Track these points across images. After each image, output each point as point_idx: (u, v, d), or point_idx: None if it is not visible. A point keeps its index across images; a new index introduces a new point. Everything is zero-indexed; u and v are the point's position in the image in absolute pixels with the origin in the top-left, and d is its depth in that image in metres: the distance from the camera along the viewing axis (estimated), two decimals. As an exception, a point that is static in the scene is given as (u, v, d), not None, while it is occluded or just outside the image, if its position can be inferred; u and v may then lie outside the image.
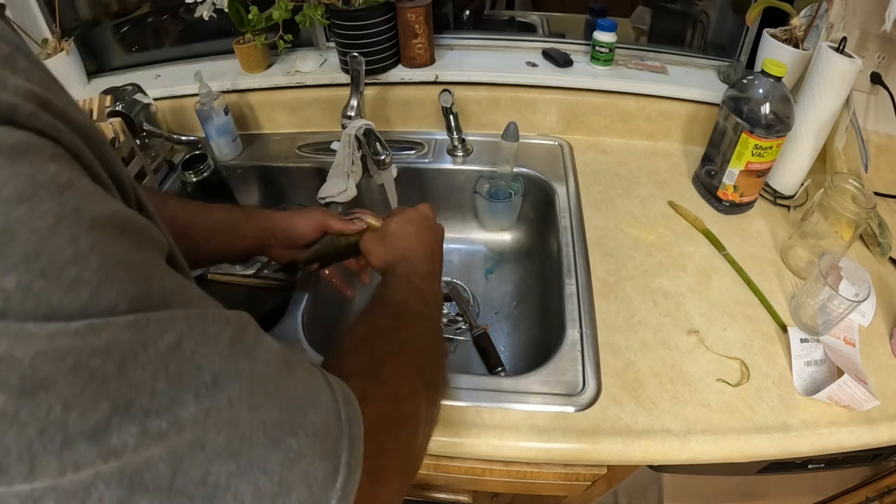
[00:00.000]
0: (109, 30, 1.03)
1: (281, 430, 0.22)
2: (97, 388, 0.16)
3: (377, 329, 0.40)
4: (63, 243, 0.16)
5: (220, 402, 0.20)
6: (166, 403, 0.18)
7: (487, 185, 0.92)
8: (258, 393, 0.21)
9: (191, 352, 0.19)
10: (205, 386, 0.19)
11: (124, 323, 0.17)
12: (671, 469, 0.64)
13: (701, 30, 1.04)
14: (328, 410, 0.25)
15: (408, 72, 0.92)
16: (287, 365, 0.24)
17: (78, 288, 0.16)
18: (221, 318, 0.21)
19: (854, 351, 0.62)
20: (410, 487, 0.33)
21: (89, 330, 0.16)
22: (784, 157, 0.78)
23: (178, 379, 0.18)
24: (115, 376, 0.17)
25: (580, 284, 0.70)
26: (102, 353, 0.16)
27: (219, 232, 0.57)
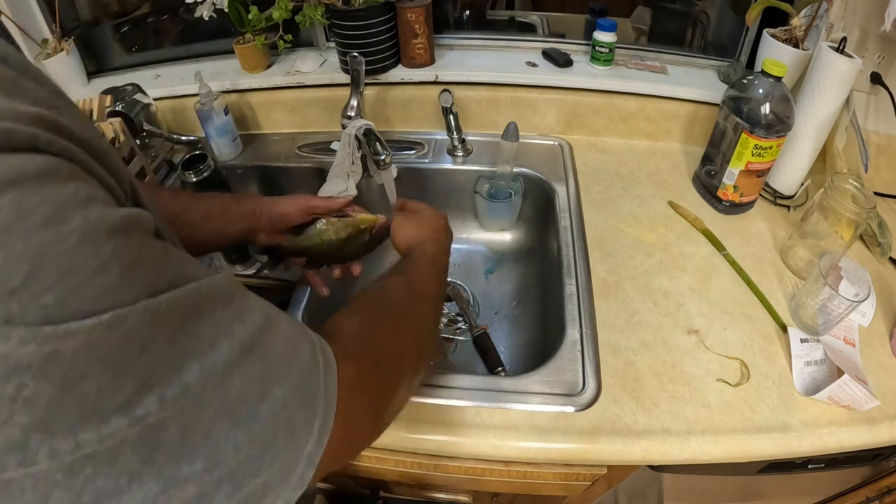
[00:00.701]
0: (109, 30, 1.03)
1: (267, 382, 0.25)
2: (124, 372, 0.19)
3: (389, 294, 0.43)
4: (88, 257, 0.18)
5: (217, 365, 0.22)
6: (177, 371, 0.21)
7: (487, 185, 0.92)
8: (246, 352, 0.24)
9: (194, 322, 0.22)
10: (204, 351, 0.22)
11: (141, 309, 0.20)
12: (671, 469, 0.64)
13: (701, 30, 1.04)
14: (307, 361, 0.28)
15: (408, 72, 0.93)
16: (270, 321, 0.27)
17: (102, 297, 0.19)
18: (215, 287, 0.24)
19: (854, 351, 0.62)
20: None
21: (114, 321, 0.19)
22: (784, 157, 0.78)
23: (184, 349, 0.21)
24: (137, 357, 0.19)
25: (580, 284, 0.70)
26: (128, 341, 0.19)
27: (211, 217, 0.58)
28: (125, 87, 0.88)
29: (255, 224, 0.61)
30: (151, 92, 0.91)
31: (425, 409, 0.58)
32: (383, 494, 0.82)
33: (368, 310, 0.40)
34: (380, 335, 0.37)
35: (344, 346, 0.31)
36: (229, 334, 0.23)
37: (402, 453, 0.62)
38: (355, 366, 0.31)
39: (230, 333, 0.24)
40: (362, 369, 0.33)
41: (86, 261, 0.18)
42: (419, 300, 0.45)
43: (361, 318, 0.38)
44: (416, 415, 0.57)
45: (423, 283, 0.48)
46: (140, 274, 0.20)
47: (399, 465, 0.64)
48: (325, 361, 0.29)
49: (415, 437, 0.56)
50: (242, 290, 0.26)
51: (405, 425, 0.57)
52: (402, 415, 0.57)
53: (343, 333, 0.34)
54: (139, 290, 0.20)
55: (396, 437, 0.56)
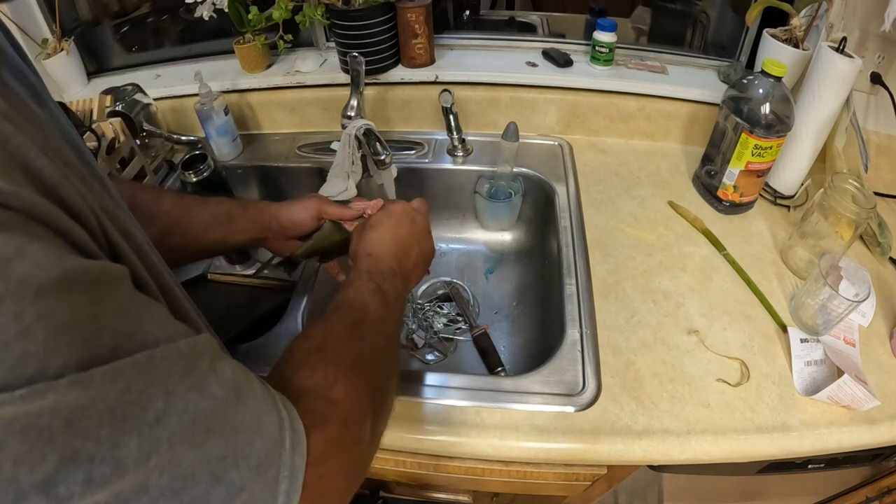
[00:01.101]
0: (109, 30, 1.03)
1: (223, 465, 0.22)
2: (45, 444, 0.17)
3: (334, 338, 0.39)
4: (7, 321, 0.16)
5: (161, 442, 0.20)
6: (110, 448, 0.18)
7: (487, 185, 0.92)
8: (202, 429, 0.22)
9: (138, 394, 0.20)
10: (147, 425, 0.20)
11: (67, 383, 0.17)
12: (671, 469, 0.64)
13: (701, 30, 1.04)
14: (273, 440, 0.25)
15: (408, 72, 0.93)
16: (237, 395, 0.24)
17: (23, 364, 0.17)
18: (172, 354, 0.22)
19: (854, 351, 0.62)
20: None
21: (34, 394, 0.17)
22: (784, 157, 0.78)
23: (123, 423, 0.19)
24: (61, 431, 0.17)
25: (580, 284, 0.70)
26: (50, 413, 0.17)
27: (215, 225, 0.56)
28: (125, 87, 0.88)
29: (262, 233, 0.59)
30: (151, 92, 0.91)
31: (425, 409, 0.58)
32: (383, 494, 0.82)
33: (318, 361, 0.36)
34: (337, 392, 0.33)
35: (308, 412, 0.29)
36: (181, 408, 0.21)
37: (402, 453, 0.62)
38: (323, 435, 0.29)
39: (183, 407, 0.21)
40: (328, 437, 0.30)
41: (4, 326, 0.16)
42: (365, 332, 0.42)
43: (314, 371, 0.34)
44: (416, 415, 0.57)
45: (364, 310, 0.44)
46: (72, 342, 0.18)
47: (399, 465, 0.64)
48: (292, 438, 0.26)
49: (415, 437, 0.56)
50: (214, 356, 0.24)
51: (405, 425, 0.57)
52: (403, 415, 0.57)
53: (302, 392, 0.31)
54: (68, 361, 0.18)
55: (396, 437, 0.56)
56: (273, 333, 0.66)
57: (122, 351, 0.20)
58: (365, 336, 0.41)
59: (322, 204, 0.61)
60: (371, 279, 0.47)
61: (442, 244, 0.99)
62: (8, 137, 0.19)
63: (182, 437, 0.21)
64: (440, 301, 0.89)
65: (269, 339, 0.65)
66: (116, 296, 0.21)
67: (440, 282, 0.92)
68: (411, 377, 0.61)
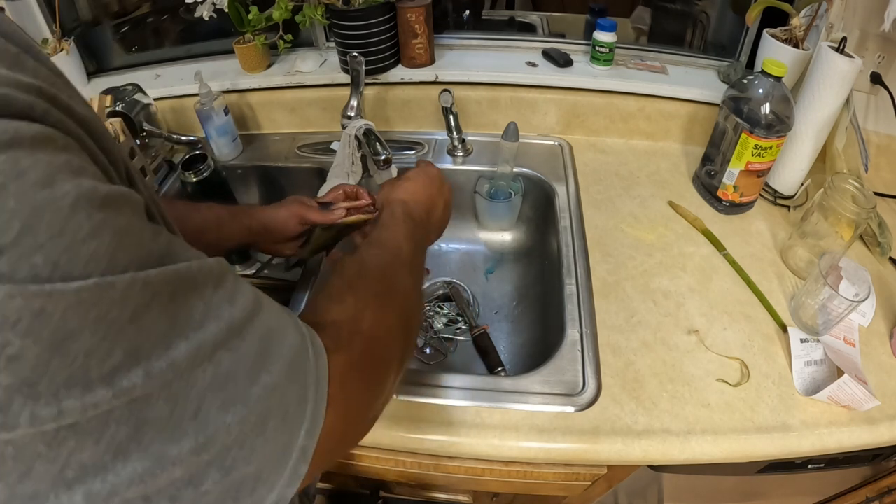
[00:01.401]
0: (109, 30, 1.03)
1: (256, 367, 0.24)
2: (114, 337, 0.19)
3: (367, 269, 0.41)
4: (82, 220, 0.18)
5: (205, 344, 0.22)
6: (165, 346, 0.20)
7: (487, 185, 0.92)
8: (235, 335, 0.24)
9: (183, 299, 0.22)
10: (193, 329, 0.22)
11: (130, 279, 0.20)
12: (671, 469, 0.64)
13: (701, 30, 1.04)
14: (296, 348, 0.27)
15: (408, 72, 0.93)
16: (261, 307, 0.26)
17: (96, 259, 0.19)
18: (206, 268, 0.24)
19: (854, 351, 0.62)
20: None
21: (106, 284, 0.19)
22: (784, 157, 0.78)
23: (173, 324, 0.21)
24: (127, 324, 0.19)
25: (580, 284, 0.70)
26: (119, 305, 0.19)
27: (206, 230, 0.58)
28: (125, 87, 0.88)
29: (251, 238, 0.61)
30: (151, 92, 0.91)
31: (425, 409, 0.58)
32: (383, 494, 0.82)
33: (349, 293, 0.38)
34: (364, 321, 0.36)
35: (332, 339, 0.31)
36: (218, 315, 0.23)
37: (402, 453, 0.62)
38: (345, 357, 0.31)
39: (219, 315, 0.23)
40: (352, 360, 0.32)
41: (78, 225, 0.18)
42: (398, 270, 0.44)
43: (343, 305, 0.37)
44: (416, 415, 0.57)
45: (398, 250, 0.46)
46: (130, 246, 0.20)
47: (399, 465, 0.64)
48: (315, 352, 0.28)
49: (415, 437, 0.56)
50: (234, 276, 0.26)
51: (405, 425, 0.57)
52: (403, 415, 0.57)
53: (329, 324, 0.33)
54: (129, 261, 0.20)
55: (396, 437, 0.56)
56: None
57: (167, 262, 0.22)
58: (396, 276, 0.43)
59: (303, 209, 0.63)
60: (405, 223, 0.50)
61: (442, 244, 0.99)
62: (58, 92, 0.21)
63: (219, 341, 0.23)
64: (440, 301, 0.89)
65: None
66: (147, 222, 0.23)
67: (440, 282, 0.92)
68: (411, 377, 0.61)
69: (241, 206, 0.65)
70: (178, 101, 0.96)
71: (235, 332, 0.24)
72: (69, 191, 0.18)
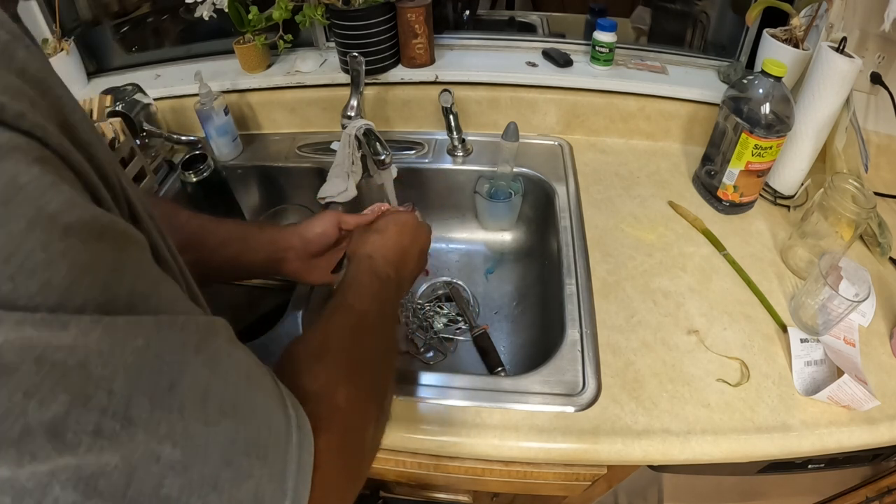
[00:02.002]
0: (109, 30, 1.03)
1: (233, 448, 0.22)
2: (57, 379, 0.16)
3: (334, 344, 0.39)
4: (35, 248, 0.16)
5: (173, 411, 0.20)
6: (123, 403, 0.18)
7: (487, 185, 0.92)
8: (214, 408, 0.21)
9: (155, 355, 0.19)
10: (161, 391, 0.19)
11: (90, 321, 0.17)
12: (671, 469, 0.64)
13: (701, 30, 1.04)
14: (280, 434, 0.25)
15: (408, 72, 0.92)
16: (248, 382, 0.24)
17: (46, 291, 0.16)
18: (191, 325, 0.22)
19: (854, 351, 0.62)
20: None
21: (56, 322, 0.16)
22: (784, 157, 0.78)
23: (137, 380, 0.18)
24: (76, 371, 0.17)
25: (580, 284, 0.70)
26: (67, 349, 0.16)
27: (230, 243, 0.55)
28: (125, 87, 0.88)
29: (283, 253, 0.58)
30: (151, 92, 0.91)
31: (425, 409, 0.58)
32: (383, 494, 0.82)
33: (319, 366, 0.35)
34: (340, 396, 0.33)
35: (313, 417, 0.28)
36: (194, 381, 0.21)
37: (402, 453, 0.62)
38: (326, 439, 0.29)
39: (195, 381, 0.21)
40: (332, 443, 0.30)
41: (31, 251, 0.16)
42: (363, 337, 0.41)
43: (315, 379, 0.34)
44: (417, 415, 0.57)
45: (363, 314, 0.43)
46: (93, 285, 0.18)
47: (399, 465, 0.64)
48: (299, 436, 0.26)
49: (415, 437, 0.56)
50: (229, 339, 0.24)
51: (405, 425, 0.57)
52: (403, 415, 0.57)
53: (308, 399, 0.30)
54: (88, 301, 0.17)
55: (396, 437, 0.56)
56: (273, 333, 0.66)
57: (138, 310, 0.19)
58: (364, 341, 0.41)
59: (338, 215, 0.61)
60: (371, 283, 0.47)
61: (442, 244, 0.99)
62: (49, 88, 0.20)
63: (194, 411, 0.20)
64: (440, 301, 0.89)
65: (269, 339, 0.65)
66: (137, 258, 0.21)
67: (440, 282, 0.92)
68: (411, 377, 0.61)
69: (271, 223, 0.62)
70: (178, 101, 0.96)
71: (213, 406, 0.21)
72: (26, 213, 0.16)
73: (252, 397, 0.24)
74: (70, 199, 0.18)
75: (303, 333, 0.40)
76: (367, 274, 0.48)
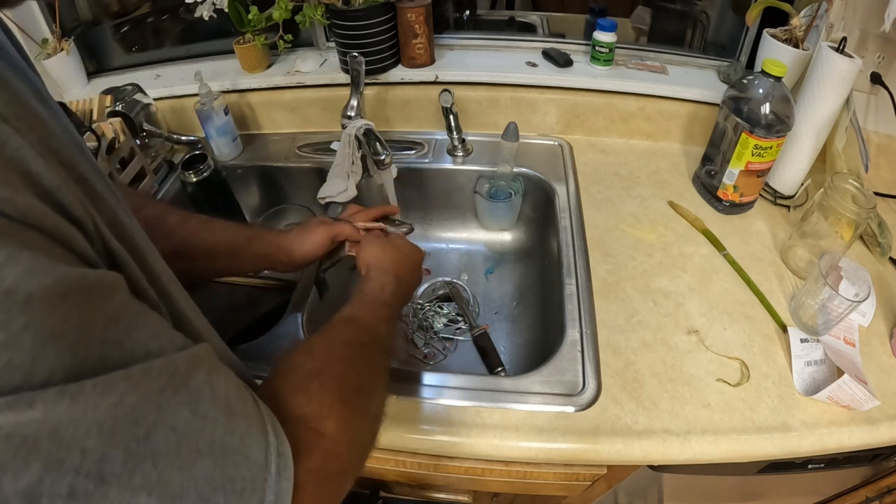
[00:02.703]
0: (109, 30, 1.03)
1: (210, 487, 0.22)
2: (29, 450, 0.17)
3: (338, 360, 0.39)
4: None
5: (146, 460, 0.20)
6: (96, 461, 0.18)
7: (487, 185, 0.92)
8: (190, 450, 0.22)
9: (129, 407, 0.19)
10: (136, 440, 0.19)
11: (56, 394, 0.17)
12: (671, 469, 0.64)
13: (701, 30, 1.04)
14: (259, 465, 0.25)
15: (408, 72, 0.92)
16: (227, 414, 0.24)
17: (9, 372, 0.16)
18: (168, 368, 0.22)
19: (854, 351, 0.62)
20: None
21: (21, 403, 0.16)
22: (784, 157, 0.78)
23: (111, 436, 0.19)
24: (46, 439, 0.17)
25: (580, 284, 0.70)
26: (38, 422, 0.17)
27: (218, 254, 0.56)
28: (125, 87, 0.88)
29: (271, 265, 0.59)
30: (151, 92, 0.91)
31: (425, 409, 0.58)
32: (383, 494, 0.82)
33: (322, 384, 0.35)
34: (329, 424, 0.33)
35: (295, 442, 0.28)
36: (171, 425, 0.21)
37: (402, 453, 0.62)
38: (304, 464, 0.29)
39: (172, 424, 0.21)
40: (311, 467, 0.29)
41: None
42: (371, 353, 0.41)
43: (308, 395, 0.34)
44: (416, 415, 0.57)
45: (376, 331, 0.44)
46: (60, 350, 0.18)
47: (399, 465, 0.64)
48: (279, 463, 0.26)
49: (415, 437, 0.56)
50: (210, 370, 0.24)
51: (405, 425, 0.57)
52: (403, 415, 0.57)
53: (296, 423, 0.30)
54: (55, 369, 0.17)
55: (396, 437, 0.56)
56: (273, 333, 0.66)
57: (110, 360, 0.20)
58: (368, 361, 0.41)
59: (331, 230, 0.61)
60: (384, 303, 0.48)
61: (442, 244, 0.99)
62: (6, 141, 0.19)
63: (169, 456, 0.21)
64: (440, 301, 0.89)
65: (269, 339, 0.65)
66: (108, 304, 0.20)
67: (440, 282, 0.92)
68: (411, 377, 0.61)
69: (260, 232, 0.61)
70: (178, 101, 0.96)
71: (189, 448, 0.21)
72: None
73: (231, 430, 0.24)
74: (29, 267, 0.17)
75: (305, 342, 0.39)
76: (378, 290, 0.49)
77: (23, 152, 0.19)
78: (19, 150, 0.19)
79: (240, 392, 0.26)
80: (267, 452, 0.26)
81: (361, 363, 0.40)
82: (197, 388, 0.23)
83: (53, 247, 0.19)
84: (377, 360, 0.42)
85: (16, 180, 0.18)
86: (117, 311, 0.21)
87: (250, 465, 0.25)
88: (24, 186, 0.19)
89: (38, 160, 0.20)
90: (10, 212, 0.18)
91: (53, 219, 0.20)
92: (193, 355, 0.24)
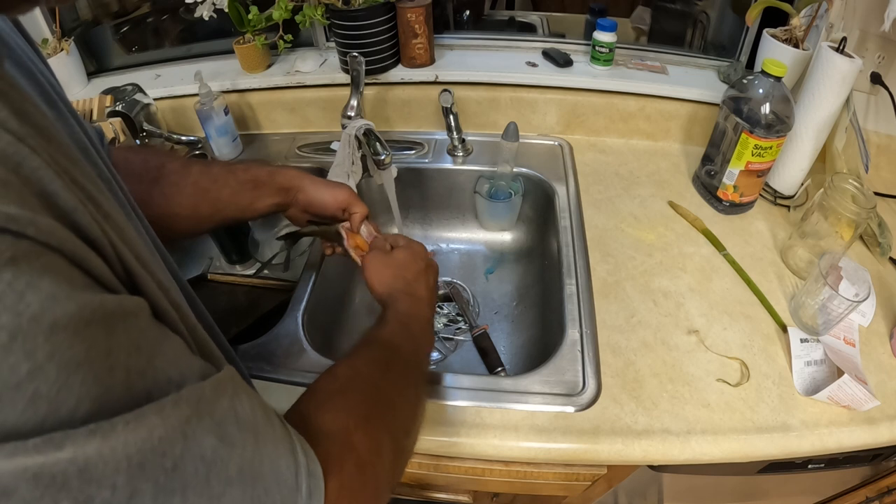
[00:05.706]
0: (109, 30, 1.03)
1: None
2: (58, 489, 0.16)
3: (361, 378, 0.39)
4: (18, 360, 0.16)
5: (176, 494, 0.19)
6: (126, 497, 0.18)
7: (487, 185, 0.92)
8: (219, 479, 0.21)
9: (157, 440, 0.19)
10: (165, 473, 0.19)
11: (87, 433, 0.17)
12: (671, 469, 0.64)
13: (701, 30, 1.04)
14: (290, 488, 0.25)
15: (408, 72, 0.92)
16: (255, 439, 0.24)
17: (35, 404, 0.16)
18: (193, 396, 0.21)
19: (854, 351, 0.62)
20: None
21: (50, 445, 0.16)
22: (784, 157, 0.78)
23: (140, 470, 0.18)
24: (76, 477, 0.17)
25: (580, 284, 0.70)
26: (67, 461, 0.16)
27: (242, 192, 0.57)
28: (125, 87, 0.88)
29: (288, 200, 0.60)
30: (151, 92, 0.90)
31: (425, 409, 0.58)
32: (383, 494, 0.82)
33: (346, 400, 0.36)
34: (357, 438, 0.33)
35: (326, 457, 0.28)
36: (199, 454, 0.21)
37: (402, 453, 0.62)
38: (338, 480, 0.29)
39: (200, 453, 0.21)
40: (344, 482, 0.29)
41: (14, 365, 0.15)
42: (393, 369, 0.42)
43: (335, 414, 0.34)
44: (416, 415, 0.57)
45: (396, 348, 0.44)
46: (86, 379, 0.17)
47: (399, 465, 0.64)
48: (309, 484, 0.26)
49: (415, 437, 0.56)
50: (234, 394, 0.24)
51: (405, 425, 0.57)
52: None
53: (321, 435, 0.30)
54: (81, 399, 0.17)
55: (396, 437, 0.56)
56: (273, 333, 0.66)
57: (135, 388, 0.19)
58: (390, 377, 0.41)
59: (352, 200, 0.61)
60: (408, 323, 0.48)
61: (442, 244, 0.99)
62: (23, 160, 0.18)
63: (198, 487, 0.20)
64: (440, 301, 0.89)
65: (269, 339, 0.65)
66: (131, 331, 0.20)
67: (440, 282, 0.92)
68: (411, 377, 0.61)
69: (283, 167, 0.61)
70: (178, 101, 0.96)
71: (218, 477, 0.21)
72: (5, 324, 0.15)
73: (259, 454, 0.24)
74: (51, 293, 0.17)
75: (328, 368, 0.40)
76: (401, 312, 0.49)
77: (40, 173, 0.19)
78: (36, 170, 0.19)
79: (266, 413, 0.26)
80: (297, 474, 0.26)
81: (383, 379, 0.40)
82: (222, 414, 0.23)
83: (73, 271, 0.19)
84: (401, 375, 0.42)
85: (34, 201, 0.18)
86: (138, 337, 0.20)
87: (281, 488, 0.24)
88: (43, 208, 0.18)
89: (56, 180, 0.19)
90: (32, 234, 0.17)
91: (72, 241, 0.19)
92: (219, 382, 0.23)
